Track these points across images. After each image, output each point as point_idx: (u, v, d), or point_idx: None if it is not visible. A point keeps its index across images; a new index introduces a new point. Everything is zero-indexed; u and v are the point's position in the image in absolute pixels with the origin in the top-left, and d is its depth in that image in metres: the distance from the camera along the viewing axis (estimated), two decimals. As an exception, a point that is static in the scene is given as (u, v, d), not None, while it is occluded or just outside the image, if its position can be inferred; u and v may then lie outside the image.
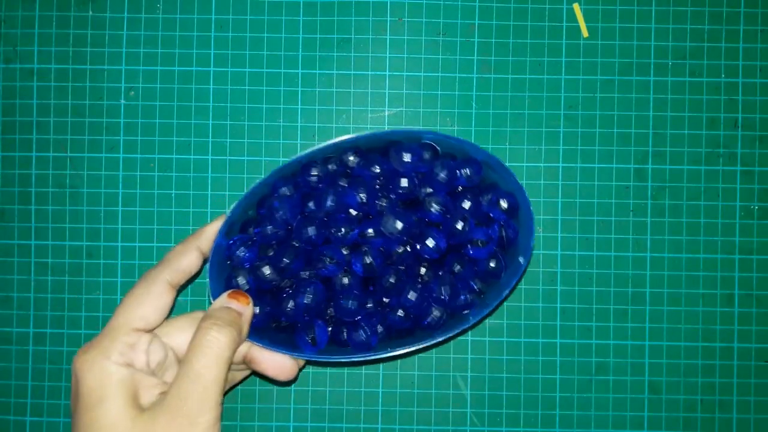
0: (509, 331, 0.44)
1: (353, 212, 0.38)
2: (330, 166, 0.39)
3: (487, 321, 0.44)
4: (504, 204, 0.38)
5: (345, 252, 0.37)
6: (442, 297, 0.37)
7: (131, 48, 0.45)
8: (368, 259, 0.37)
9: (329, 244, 0.37)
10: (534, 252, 0.44)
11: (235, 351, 0.33)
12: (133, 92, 0.45)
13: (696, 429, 0.44)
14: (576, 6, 0.45)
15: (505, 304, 0.44)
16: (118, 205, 0.44)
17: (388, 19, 0.45)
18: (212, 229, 0.37)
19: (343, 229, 0.37)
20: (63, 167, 0.45)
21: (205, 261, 0.37)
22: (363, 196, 0.37)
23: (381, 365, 0.44)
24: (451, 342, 0.44)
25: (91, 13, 0.45)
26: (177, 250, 0.36)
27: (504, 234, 0.38)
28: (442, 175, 0.38)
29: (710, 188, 0.45)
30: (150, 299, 0.34)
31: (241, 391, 0.44)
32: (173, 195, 0.44)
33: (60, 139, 0.45)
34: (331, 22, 0.45)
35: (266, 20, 0.45)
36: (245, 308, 0.35)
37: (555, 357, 0.44)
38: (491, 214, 0.39)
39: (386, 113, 0.44)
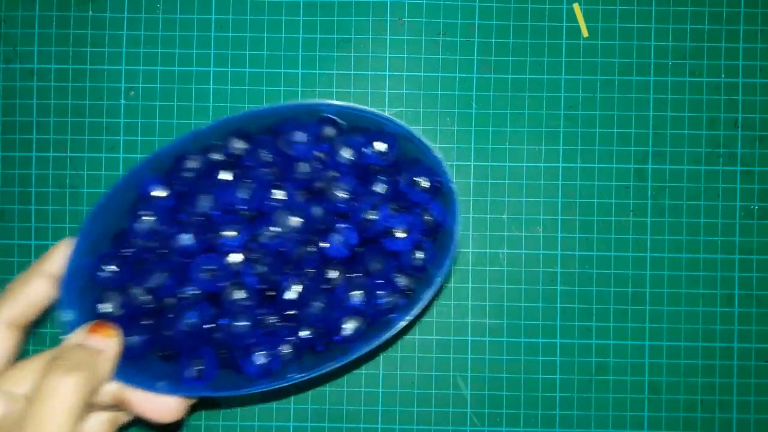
0: (509, 331, 0.44)
1: (243, 212, 0.31)
2: (211, 156, 0.31)
3: (487, 321, 0.44)
4: (425, 183, 0.32)
5: (235, 260, 0.30)
6: (355, 304, 0.31)
7: (131, 48, 0.45)
8: (261, 268, 0.30)
9: (212, 252, 0.31)
10: (534, 252, 0.44)
11: (89, 397, 0.27)
12: (133, 92, 0.45)
13: (696, 429, 0.44)
14: (576, 6, 0.45)
15: (504, 304, 0.44)
16: (118, 205, 0.44)
17: (388, 19, 0.45)
18: (61, 248, 0.30)
19: (226, 233, 0.30)
20: (63, 167, 0.45)
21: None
22: (246, 190, 0.30)
23: (380, 366, 0.44)
24: (451, 341, 0.44)
25: (91, 13, 0.45)
26: (18, 279, 0.29)
27: (430, 217, 0.32)
28: (346, 154, 0.31)
29: (710, 188, 0.45)
30: None
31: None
32: (173, 195, 0.44)
33: (60, 139, 0.45)
34: (331, 22, 0.45)
35: (266, 20, 0.45)
36: (109, 342, 0.29)
37: (555, 357, 0.44)
38: (411, 197, 0.32)
39: (386, 113, 0.44)
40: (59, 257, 0.30)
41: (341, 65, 0.45)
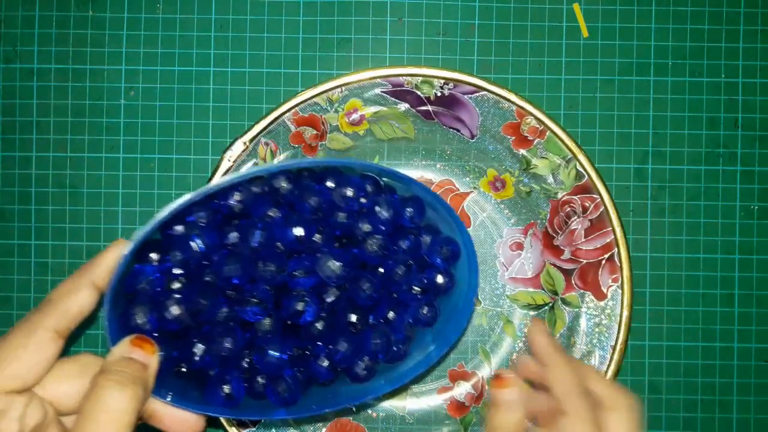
0: (509, 331, 0.44)
1: (280, 247, 0.33)
2: (255, 189, 0.33)
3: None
4: (446, 251, 0.35)
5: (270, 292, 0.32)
6: (377, 349, 0.34)
7: (131, 48, 0.45)
8: (300, 305, 0.32)
9: (253, 283, 0.32)
10: (534, 252, 0.44)
11: (139, 414, 0.27)
12: (133, 92, 0.45)
13: (696, 429, 0.44)
14: (576, 6, 0.45)
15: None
16: (118, 205, 0.44)
17: (388, 19, 0.45)
18: (109, 258, 0.29)
19: (273, 267, 0.31)
20: (63, 167, 0.45)
21: (102, 297, 0.30)
22: (300, 231, 0.32)
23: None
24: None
25: (91, 13, 0.45)
26: (64, 287, 0.29)
27: (442, 281, 0.35)
28: (386, 213, 0.33)
29: (710, 188, 0.45)
30: (28, 353, 0.27)
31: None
32: (173, 195, 0.44)
33: (60, 139, 0.45)
34: (331, 22, 0.45)
35: (266, 20, 0.45)
36: (151, 359, 0.28)
37: (555, 357, 0.44)
38: (430, 260, 0.35)
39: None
40: (108, 266, 0.29)
41: (341, 65, 0.45)
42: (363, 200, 0.34)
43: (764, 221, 0.45)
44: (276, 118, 0.42)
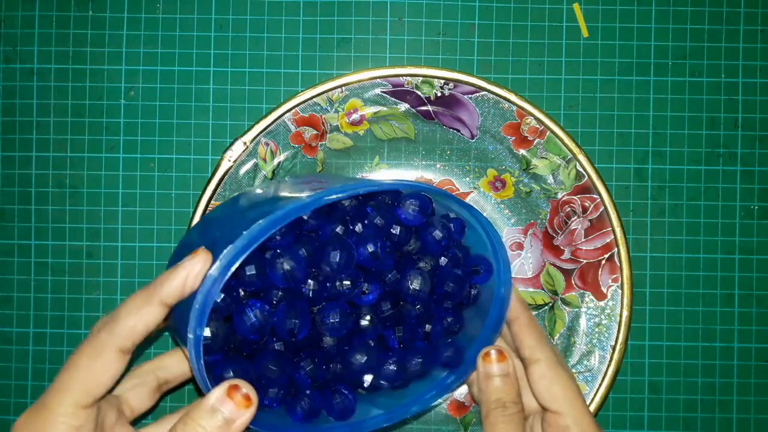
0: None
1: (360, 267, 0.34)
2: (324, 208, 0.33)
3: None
4: (481, 270, 0.36)
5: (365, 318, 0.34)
6: (447, 358, 0.36)
7: (131, 48, 0.45)
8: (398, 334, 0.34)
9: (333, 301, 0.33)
10: (534, 252, 0.44)
11: None
12: (133, 92, 0.45)
13: (696, 429, 0.44)
14: (576, 6, 0.45)
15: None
16: (118, 205, 0.44)
17: (388, 19, 0.45)
18: (180, 276, 0.28)
19: (349, 284, 0.33)
20: (63, 167, 0.45)
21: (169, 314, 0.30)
22: (371, 248, 0.33)
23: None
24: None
25: (91, 13, 0.45)
26: (132, 304, 0.28)
27: (470, 295, 0.36)
28: (439, 233, 0.35)
29: (710, 188, 0.45)
30: (95, 374, 0.28)
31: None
32: (173, 195, 0.44)
33: (60, 139, 0.45)
34: (331, 22, 0.45)
35: (266, 20, 0.45)
36: (245, 412, 0.27)
37: (555, 357, 0.44)
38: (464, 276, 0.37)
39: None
40: (177, 285, 0.28)
41: (341, 65, 0.45)
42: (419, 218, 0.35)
43: (764, 221, 0.45)
44: (276, 118, 0.42)
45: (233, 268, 0.28)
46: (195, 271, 0.28)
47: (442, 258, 0.35)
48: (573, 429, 0.32)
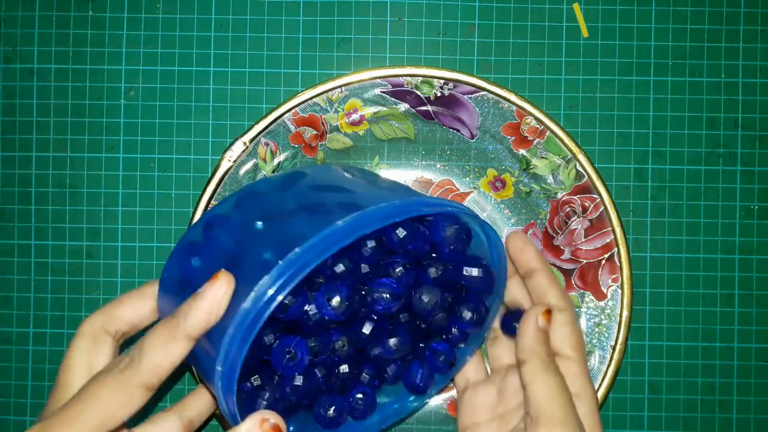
0: (509, 331, 0.44)
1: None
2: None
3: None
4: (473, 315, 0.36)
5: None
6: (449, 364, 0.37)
7: (131, 48, 0.45)
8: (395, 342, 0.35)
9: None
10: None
11: None
12: (133, 92, 0.45)
13: (696, 429, 0.44)
14: (576, 6, 0.45)
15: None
16: (118, 205, 0.44)
17: (388, 19, 0.45)
18: (205, 306, 0.27)
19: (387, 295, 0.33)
20: (63, 167, 0.45)
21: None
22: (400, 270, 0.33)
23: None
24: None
25: (91, 13, 0.45)
26: (157, 339, 0.27)
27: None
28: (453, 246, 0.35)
29: (710, 188, 0.45)
30: (114, 407, 0.27)
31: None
32: (173, 195, 0.44)
33: (60, 139, 0.45)
34: (331, 22, 0.45)
35: (266, 20, 0.45)
36: None
37: (555, 357, 0.44)
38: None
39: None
40: (203, 317, 0.27)
41: (341, 65, 0.45)
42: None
43: (764, 221, 0.45)
44: (276, 118, 0.42)
45: (274, 305, 0.26)
46: (218, 298, 0.27)
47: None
48: (580, 377, 0.35)
